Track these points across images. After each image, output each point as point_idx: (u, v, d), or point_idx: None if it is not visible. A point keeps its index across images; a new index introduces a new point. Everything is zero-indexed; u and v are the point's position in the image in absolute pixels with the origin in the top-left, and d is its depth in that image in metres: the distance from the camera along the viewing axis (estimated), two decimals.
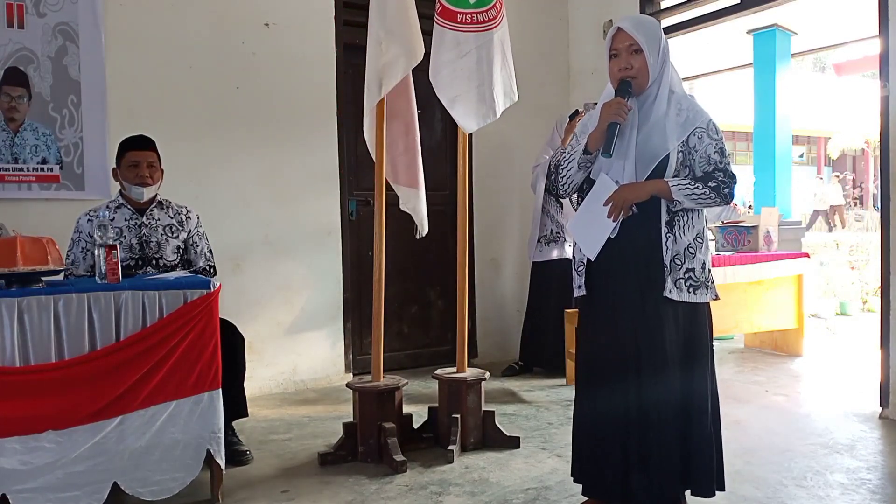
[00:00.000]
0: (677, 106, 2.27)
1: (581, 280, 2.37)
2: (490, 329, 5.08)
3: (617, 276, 2.28)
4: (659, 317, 2.24)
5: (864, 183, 22.50)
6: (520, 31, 4.35)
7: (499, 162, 5.07)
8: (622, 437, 2.26)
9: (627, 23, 2.27)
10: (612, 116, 2.20)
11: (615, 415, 2.27)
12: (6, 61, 3.60)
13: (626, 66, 2.25)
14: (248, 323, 3.66)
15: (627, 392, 2.25)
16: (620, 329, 2.28)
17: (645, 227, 2.25)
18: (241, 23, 4.17)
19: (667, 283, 2.22)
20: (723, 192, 2.23)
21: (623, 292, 2.28)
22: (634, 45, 2.24)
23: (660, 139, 2.23)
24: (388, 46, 3.13)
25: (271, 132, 4.26)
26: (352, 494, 2.74)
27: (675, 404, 2.24)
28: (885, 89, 3.46)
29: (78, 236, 3.08)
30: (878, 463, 2.99)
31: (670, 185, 2.20)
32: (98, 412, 2.44)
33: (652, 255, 2.24)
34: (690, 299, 2.25)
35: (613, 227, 2.25)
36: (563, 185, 2.38)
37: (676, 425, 2.24)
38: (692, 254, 2.26)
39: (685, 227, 2.26)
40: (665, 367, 2.23)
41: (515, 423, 3.56)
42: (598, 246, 2.28)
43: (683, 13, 4.70)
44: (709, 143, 2.25)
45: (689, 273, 2.25)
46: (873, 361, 3.59)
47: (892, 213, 3.50)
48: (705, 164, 2.25)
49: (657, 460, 2.23)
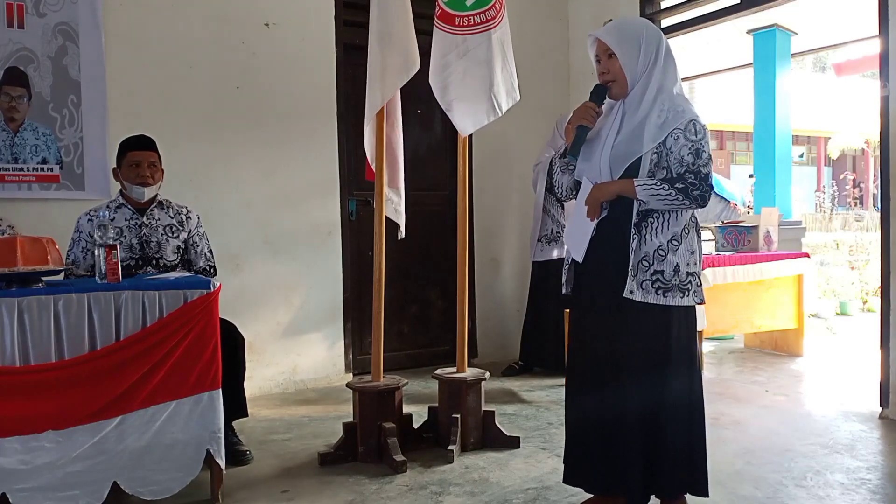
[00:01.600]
0: (661, 107, 2.26)
1: (565, 278, 2.45)
2: (490, 329, 5.08)
3: (592, 276, 2.35)
4: (624, 318, 2.26)
5: (864, 183, 22.48)
6: (520, 31, 4.34)
7: (499, 162, 5.07)
8: (599, 435, 2.32)
9: (602, 30, 2.34)
10: (579, 119, 2.30)
11: (594, 413, 2.33)
12: (6, 61, 3.60)
13: (603, 70, 2.33)
14: (248, 323, 3.66)
15: (605, 393, 2.30)
16: (594, 329, 2.34)
17: (617, 228, 2.28)
18: (241, 23, 4.17)
19: (627, 284, 2.22)
20: (692, 195, 2.18)
21: (597, 293, 2.34)
22: (608, 50, 2.30)
23: (636, 141, 2.25)
24: (391, 50, 3.13)
25: (271, 132, 4.26)
26: (352, 494, 2.74)
27: (645, 408, 2.26)
28: (885, 89, 3.46)
29: (78, 236, 3.08)
30: (878, 463, 2.99)
31: (635, 185, 2.20)
32: (98, 412, 2.44)
33: (621, 256, 2.26)
34: (659, 301, 2.23)
35: (591, 228, 2.31)
36: (557, 188, 2.48)
37: (642, 430, 2.26)
38: (662, 256, 2.23)
39: (658, 228, 2.24)
40: (630, 369, 2.26)
41: (515, 423, 3.56)
42: (582, 247, 2.34)
43: (683, 13, 4.70)
44: (683, 145, 2.21)
45: (658, 275, 2.22)
46: (873, 361, 3.60)
47: (892, 213, 3.50)
48: (678, 165, 2.22)
49: (625, 464, 2.27)
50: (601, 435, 2.32)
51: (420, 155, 4.75)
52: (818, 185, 22.78)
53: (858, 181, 22.30)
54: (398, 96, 3.38)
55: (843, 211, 17.62)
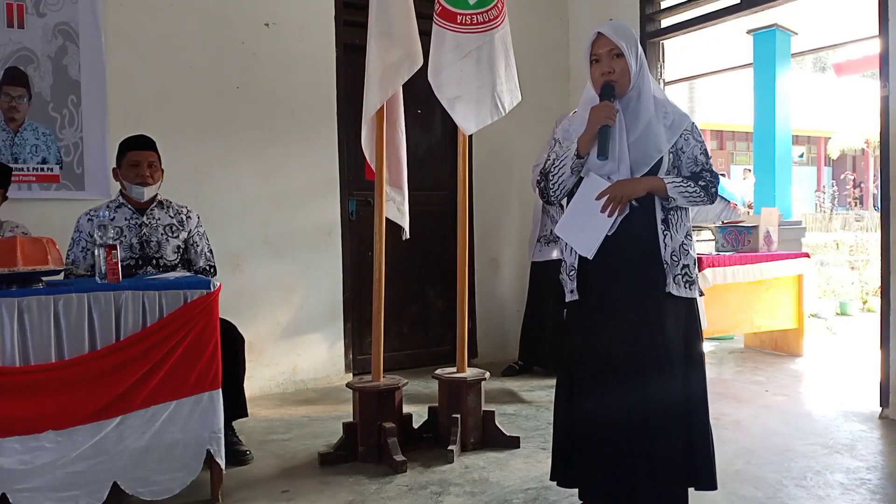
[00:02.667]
0: (662, 109, 2.32)
1: (573, 284, 2.34)
2: (490, 329, 5.08)
3: (616, 275, 2.28)
4: (661, 314, 2.25)
5: (864, 183, 22.48)
6: (520, 31, 4.34)
7: (499, 162, 5.07)
8: (625, 438, 2.25)
9: (608, 28, 2.31)
10: (603, 120, 2.24)
11: (617, 416, 2.25)
12: (6, 61, 3.60)
13: (608, 70, 2.29)
14: (248, 323, 3.66)
15: (629, 392, 2.24)
16: (621, 329, 2.27)
17: (641, 224, 2.27)
18: (241, 23, 4.17)
19: (668, 279, 2.25)
20: (710, 192, 2.29)
21: (623, 291, 2.27)
22: (615, 49, 2.28)
23: (654, 142, 2.27)
24: (390, 49, 3.12)
25: (271, 132, 4.26)
26: (352, 494, 2.74)
27: (678, 402, 2.24)
28: (885, 89, 3.46)
29: (78, 236, 3.08)
30: (878, 463, 2.99)
31: (666, 182, 2.24)
32: (98, 412, 2.44)
33: (650, 252, 2.26)
34: (687, 295, 2.29)
35: (611, 224, 2.24)
36: (555, 190, 2.38)
37: (680, 422, 2.24)
38: (686, 251, 2.31)
39: (678, 225, 2.30)
40: (668, 365, 2.24)
41: (515, 423, 3.56)
42: (595, 244, 2.26)
43: (683, 13, 4.70)
44: (694, 145, 2.31)
45: (686, 269, 2.29)
46: (873, 361, 3.59)
47: (892, 213, 3.50)
48: (692, 164, 2.30)
49: (664, 460, 2.22)
50: (631, 436, 2.24)
51: (420, 155, 4.75)
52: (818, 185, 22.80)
53: (858, 181, 22.29)
54: (400, 95, 3.37)
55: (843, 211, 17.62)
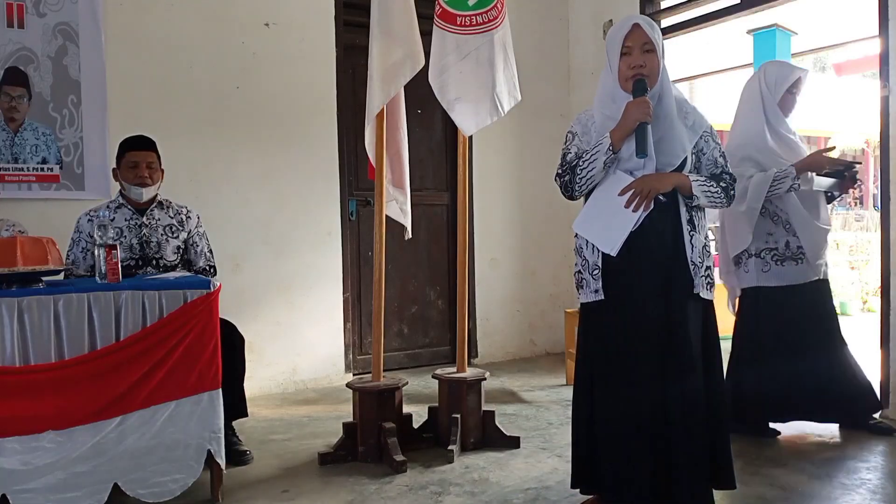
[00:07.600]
0: (682, 109, 2.29)
1: (598, 284, 2.27)
2: (490, 329, 5.08)
3: (640, 273, 2.23)
4: (685, 315, 2.23)
5: (864, 183, 22.47)
6: (520, 31, 4.35)
7: (499, 162, 5.06)
8: (650, 437, 2.23)
9: (644, 21, 2.26)
10: (643, 116, 2.16)
11: (642, 416, 2.23)
12: (6, 61, 3.60)
13: (640, 63, 2.23)
14: (248, 323, 3.65)
15: (652, 392, 2.22)
16: (646, 328, 2.23)
17: (666, 222, 2.23)
18: (241, 23, 4.17)
19: (696, 281, 2.23)
20: (730, 194, 2.29)
21: (648, 290, 2.23)
22: (649, 44, 2.23)
23: (679, 141, 2.25)
24: (392, 50, 3.12)
25: (271, 132, 4.26)
26: (352, 494, 2.74)
27: (701, 401, 2.24)
28: (885, 89, 3.46)
29: (78, 236, 3.08)
30: (878, 463, 2.98)
31: (691, 180, 2.21)
32: (98, 412, 2.44)
33: (675, 252, 2.23)
34: (709, 297, 2.29)
35: (637, 219, 2.19)
36: (580, 185, 2.30)
37: (703, 422, 2.24)
38: (708, 252, 2.30)
39: (699, 225, 2.29)
40: (691, 365, 2.22)
41: (515, 423, 3.56)
42: (619, 240, 2.21)
43: (683, 13, 4.69)
44: (714, 147, 2.30)
45: (708, 271, 2.28)
46: (873, 361, 3.59)
47: (892, 213, 3.51)
48: (713, 166, 2.29)
49: (687, 459, 2.21)
50: (656, 435, 2.22)
51: (420, 155, 4.74)
52: None
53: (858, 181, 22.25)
54: (402, 96, 3.37)
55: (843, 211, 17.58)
